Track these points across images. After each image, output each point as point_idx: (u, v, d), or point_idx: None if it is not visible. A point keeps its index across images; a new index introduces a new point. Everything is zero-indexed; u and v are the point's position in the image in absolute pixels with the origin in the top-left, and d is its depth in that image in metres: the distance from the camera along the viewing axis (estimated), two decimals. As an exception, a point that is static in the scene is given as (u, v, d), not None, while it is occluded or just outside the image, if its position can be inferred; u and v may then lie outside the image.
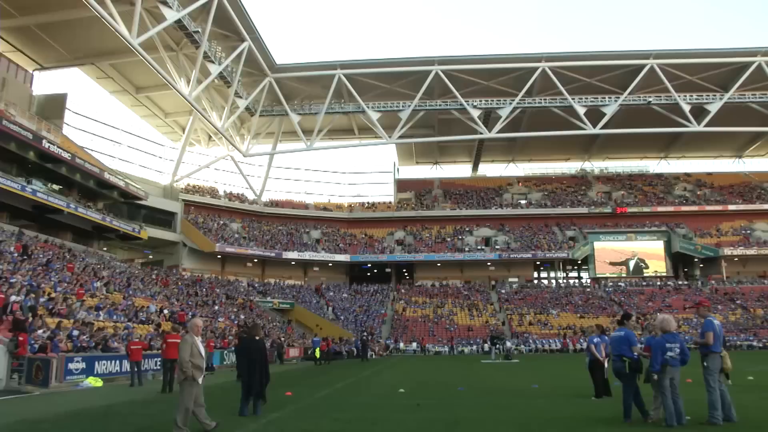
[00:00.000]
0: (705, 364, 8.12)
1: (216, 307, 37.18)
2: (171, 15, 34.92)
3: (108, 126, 52.84)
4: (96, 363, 17.73)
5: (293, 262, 53.94)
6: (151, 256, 49.76)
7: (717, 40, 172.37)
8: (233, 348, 25.62)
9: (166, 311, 29.06)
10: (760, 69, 48.80)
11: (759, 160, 71.20)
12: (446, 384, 16.39)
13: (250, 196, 58.31)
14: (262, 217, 57.34)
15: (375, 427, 8.71)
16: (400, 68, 49.71)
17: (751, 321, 46.27)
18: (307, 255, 53.39)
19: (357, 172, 69.53)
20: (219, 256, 50.03)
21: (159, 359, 17.99)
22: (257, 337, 10.24)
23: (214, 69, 41.21)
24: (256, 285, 50.90)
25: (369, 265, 57.09)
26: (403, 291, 54.85)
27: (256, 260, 52.98)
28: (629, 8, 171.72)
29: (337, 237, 57.85)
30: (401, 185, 67.27)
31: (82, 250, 35.28)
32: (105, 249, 42.00)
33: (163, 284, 36.61)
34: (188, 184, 53.32)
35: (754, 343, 41.64)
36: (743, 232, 57.42)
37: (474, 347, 42.93)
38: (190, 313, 31.13)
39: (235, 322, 35.48)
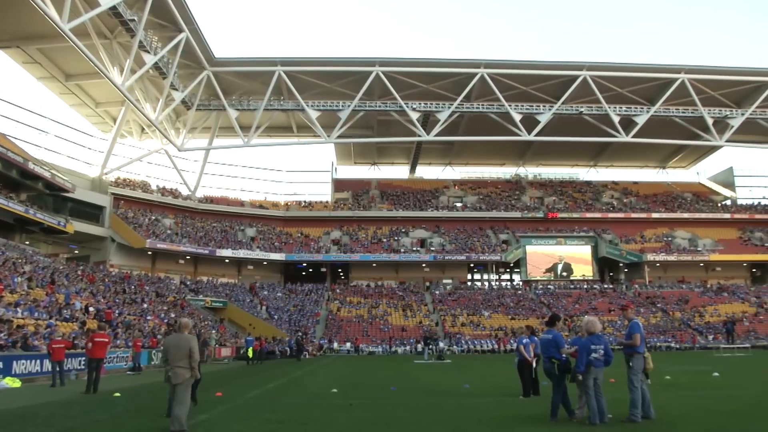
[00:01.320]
0: (630, 364, 8.52)
1: (145, 305, 36.06)
2: (105, 1, 33.72)
3: (34, 113, 50.37)
4: (14, 362, 16.97)
5: (227, 260, 52.97)
6: (77, 251, 47.73)
7: (646, 55, 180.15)
8: (162, 347, 24.91)
9: (92, 309, 27.99)
10: (684, 85, 51.31)
11: (681, 171, 74.98)
12: (379, 384, 16.50)
13: (184, 192, 56.95)
14: (196, 214, 56.06)
15: (306, 427, 8.68)
16: (341, 68, 49.66)
17: (670, 323, 48.58)
18: (242, 253, 52.56)
19: (294, 171, 68.81)
20: (150, 253, 48.59)
21: (83, 359, 17.34)
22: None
23: (150, 59, 39.95)
24: (188, 283, 49.75)
25: (304, 265, 56.70)
26: (338, 291, 54.78)
27: (188, 257, 51.71)
28: (567, 21, 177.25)
29: (273, 235, 57.22)
30: (339, 185, 67.19)
31: (3, 243, 33.50)
32: (27, 243, 40.01)
33: (89, 280, 35.24)
34: (118, 178, 51.56)
35: (672, 345, 43.76)
36: (665, 239, 60.24)
37: (408, 347, 43.31)
38: (117, 311, 30.15)
39: (165, 320, 34.55)
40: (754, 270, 61.48)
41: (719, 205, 67.48)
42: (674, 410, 9.58)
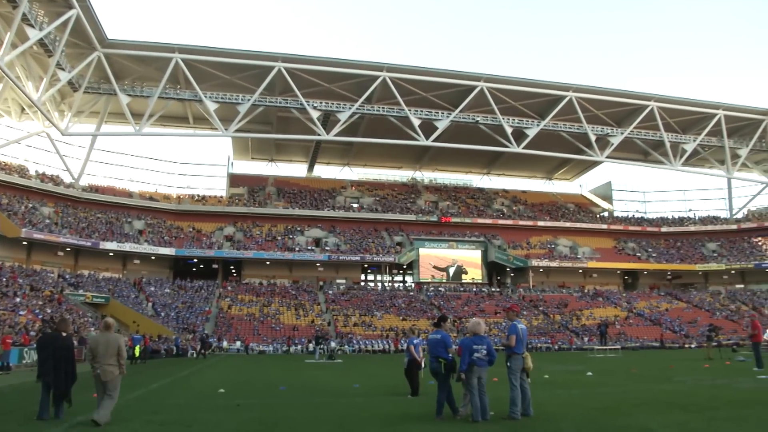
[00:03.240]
0: (508, 364, 8.95)
1: (17, 299, 33.54)
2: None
3: None
4: None
5: (111, 254, 50.22)
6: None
7: (540, 72, 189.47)
8: (35, 345, 23.30)
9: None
10: (571, 103, 54.44)
11: (565, 183, 79.56)
12: (268, 384, 16.28)
13: (67, 179, 53.43)
14: (79, 203, 52.75)
15: (190, 429, 8.43)
16: (243, 60, 48.57)
17: (550, 326, 51.32)
18: (128, 246, 50.04)
19: (188, 163, 66.71)
20: (25, 243, 45.15)
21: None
22: (64, 333, 9.43)
23: (34, 34, 37.11)
24: (68, 276, 46.65)
25: (195, 260, 54.86)
26: (229, 288, 53.43)
27: (68, 249, 48.47)
28: (469, 32, 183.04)
29: (163, 229, 54.95)
30: (234, 180, 65.67)
31: None
32: None
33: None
34: (-8, 160, 47.65)
35: (552, 346, 46.23)
36: (548, 246, 63.59)
37: (299, 347, 42.99)
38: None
39: (40, 316, 32.28)
40: (626, 277, 66.43)
41: (598, 216, 72.27)
42: (551, 407, 10.12)
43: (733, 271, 64.15)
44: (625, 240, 67.38)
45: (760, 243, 65.30)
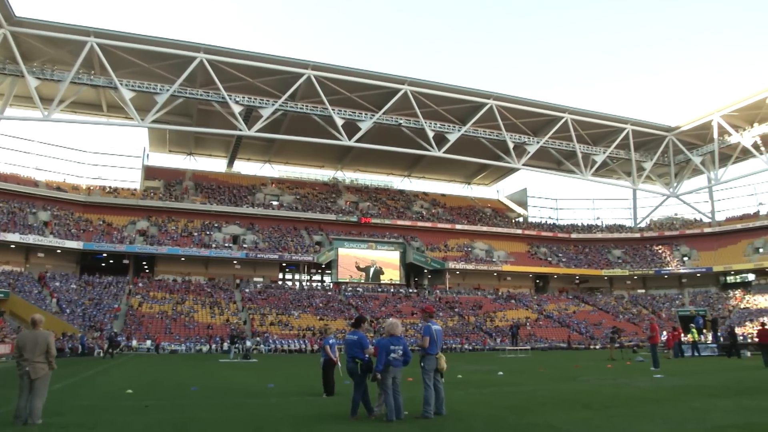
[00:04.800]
0: (422, 364, 9.11)
1: None
2: None
3: None
4: None
5: (13, 246, 47.19)
6: None
7: (462, 78, 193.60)
8: None
9: None
10: (492, 110, 55.99)
11: (483, 188, 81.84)
12: (179, 384, 15.83)
13: (-37, 165, 49.95)
14: (-23, 191, 49.41)
15: (94, 431, 8.07)
16: (164, 49, 46.93)
17: (465, 327, 52.51)
18: (32, 238, 47.18)
19: (100, 153, 63.20)
20: None
21: None
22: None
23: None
24: (-39, 269, 43.58)
25: (104, 255, 52.50)
26: (141, 285, 51.41)
27: (-37, 240, 45.34)
28: (397, 36, 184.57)
29: (70, 221, 52.26)
30: (150, 172, 63.37)
31: None
32: None
33: None
34: None
35: (466, 346, 47.29)
36: (465, 249, 65.07)
37: (214, 346, 41.97)
38: None
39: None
40: (537, 281, 68.98)
41: (513, 221, 74.75)
42: (463, 406, 10.35)
43: (635, 277, 68.09)
44: (537, 245, 69.93)
45: (660, 251, 69.52)
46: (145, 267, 56.04)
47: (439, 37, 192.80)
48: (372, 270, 61.25)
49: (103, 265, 53.52)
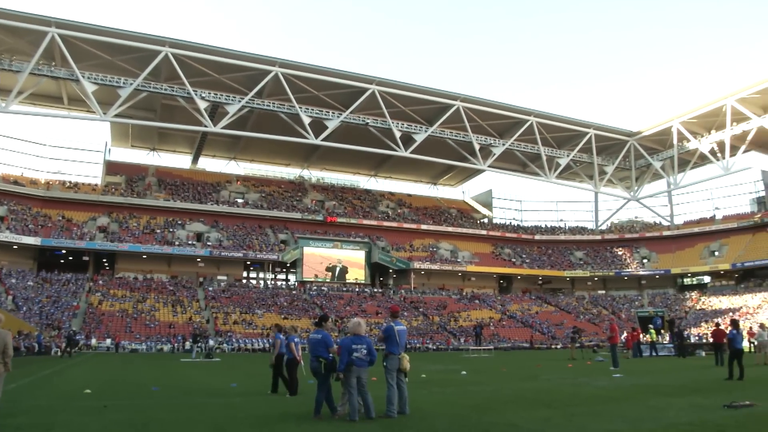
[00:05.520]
0: (385, 363, 9.16)
1: None
2: None
3: None
4: None
5: (-34, 241, 45.87)
6: None
7: (431, 79, 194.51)
8: None
9: None
10: (459, 112, 56.45)
11: (449, 189, 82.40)
12: (140, 384, 15.56)
13: None
14: (-72, 184, 47.76)
15: (51, 432, 7.90)
16: (128, 42, 46.03)
17: (430, 327, 52.77)
18: (-14, 234, 45.88)
19: (60, 147, 61.62)
20: None
21: None
22: None
23: None
24: None
25: (63, 252, 51.23)
26: (101, 282, 50.31)
27: None
28: (366, 36, 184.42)
29: (28, 216, 50.82)
30: (112, 167, 62.04)
31: None
32: None
33: None
34: None
35: (430, 346, 47.53)
36: (430, 249, 65.41)
37: (176, 345, 41.35)
38: None
39: None
40: (501, 281, 69.73)
41: (478, 222, 75.39)
42: (427, 405, 10.42)
43: (596, 278, 69.40)
44: (502, 246, 70.68)
45: (620, 253, 71.00)
46: (106, 264, 54.85)
47: (409, 38, 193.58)
48: (337, 269, 61.07)
49: (62, 261, 52.21)
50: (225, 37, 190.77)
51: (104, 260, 54.65)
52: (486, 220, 77.09)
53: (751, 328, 35.36)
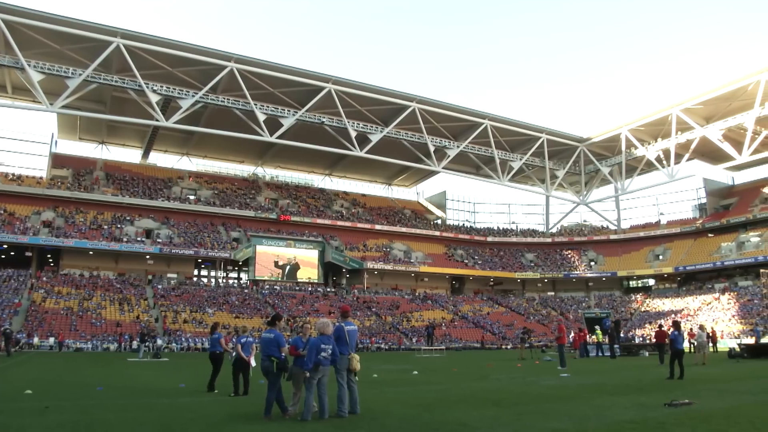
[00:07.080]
0: (335, 363, 9.15)
1: None
2: None
3: None
4: None
5: None
6: None
7: (387, 80, 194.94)
8: None
9: None
10: (414, 113, 56.85)
11: (403, 189, 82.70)
12: (84, 384, 15.14)
13: None
14: None
15: (-11, 434, 7.62)
16: (78, 31, 44.66)
17: (382, 326, 52.92)
18: None
19: (3, 138, 59.38)
20: None
21: None
22: None
23: None
24: None
25: (5, 246, 49.33)
26: (44, 279, 48.64)
27: None
28: (325, 36, 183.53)
29: (-34, 209, 48.85)
30: (58, 160, 60.02)
31: None
32: None
33: None
34: None
35: (383, 346, 47.69)
36: (384, 249, 65.59)
37: (123, 344, 40.31)
38: None
39: None
40: (453, 282, 70.47)
41: (432, 223, 76.02)
42: (378, 405, 10.47)
43: (546, 280, 70.87)
44: (455, 247, 71.44)
45: (569, 256, 72.68)
46: (50, 260, 53.08)
47: (366, 39, 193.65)
48: (288, 267, 60.54)
49: (3, 257, 50.34)
50: (180, 31, 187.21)
51: (48, 256, 52.89)
52: (439, 222, 77.78)
53: (691, 329, 36.73)
